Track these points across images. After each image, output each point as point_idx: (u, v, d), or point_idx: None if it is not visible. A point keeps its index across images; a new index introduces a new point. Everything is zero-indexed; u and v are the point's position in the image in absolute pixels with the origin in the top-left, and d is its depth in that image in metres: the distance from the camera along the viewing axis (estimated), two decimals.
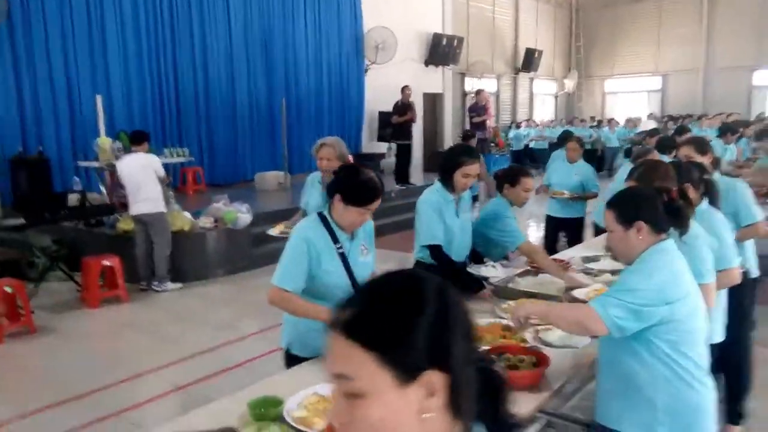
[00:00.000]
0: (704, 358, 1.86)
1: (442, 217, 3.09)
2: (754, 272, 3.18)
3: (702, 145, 3.37)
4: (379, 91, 12.82)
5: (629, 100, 22.23)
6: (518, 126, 17.94)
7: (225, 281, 6.73)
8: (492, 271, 3.19)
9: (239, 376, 4.18)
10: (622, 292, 1.80)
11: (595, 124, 17.57)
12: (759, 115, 14.56)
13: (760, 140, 6.57)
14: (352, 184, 2.31)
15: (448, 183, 3.11)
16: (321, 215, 2.41)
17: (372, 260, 2.58)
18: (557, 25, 21.68)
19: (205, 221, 6.70)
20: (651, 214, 1.90)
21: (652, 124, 14.26)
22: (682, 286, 1.82)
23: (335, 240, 2.37)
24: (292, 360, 2.47)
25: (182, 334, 5.18)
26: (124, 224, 6.45)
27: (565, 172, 5.66)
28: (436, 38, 14.80)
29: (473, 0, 17.17)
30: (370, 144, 13.57)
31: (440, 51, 14.93)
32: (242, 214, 6.71)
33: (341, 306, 0.87)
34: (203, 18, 10.06)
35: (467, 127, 12.66)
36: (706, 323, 1.91)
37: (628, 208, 1.94)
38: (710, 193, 2.72)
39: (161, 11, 9.53)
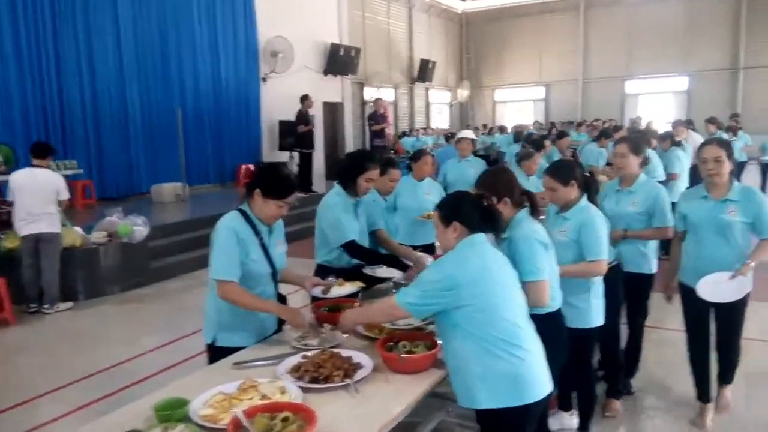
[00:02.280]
0: (512, 332, 2.06)
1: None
2: (653, 269, 3.63)
3: (637, 144, 3.68)
4: (279, 101, 12.79)
5: (517, 108, 23.62)
6: (416, 133, 18.55)
7: (122, 298, 6.46)
8: (386, 272, 3.27)
9: (142, 391, 4.06)
10: (418, 284, 2.14)
11: (486, 131, 18.51)
12: (633, 119, 15.88)
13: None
14: (271, 179, 2.52)
15: (350, 187, 3.23)
16: (241, 210, 2.56)
17: (284, 251, 2.76)
18: (449, 37, 22.64)
19: (98, 236, 6.40)
20: (467, 217, 2.18)
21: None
22: (470, 272, 2.05)
23: (256, 232, 2.54)
24: (216, 353, 2.55)
25: (78, 354, 4.94)
26: (9, 242, 6.03)
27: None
28: (334, 48, 15.01)
29: (369, 12, 17.58)
30: (272, 153, 13.48)
31: (338, 61, 15.15)
32: (138, 227, 6.48)
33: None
34: (89, 21, 9.50)
35: (367, 135, 12.94)
36: (513, 302, 2.12)
37: (449, 209, 2.22)
38: (589, 190, 3.04)
39: (42, 10, 8.87)
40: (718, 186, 3.14)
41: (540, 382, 2.11)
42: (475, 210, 2.20)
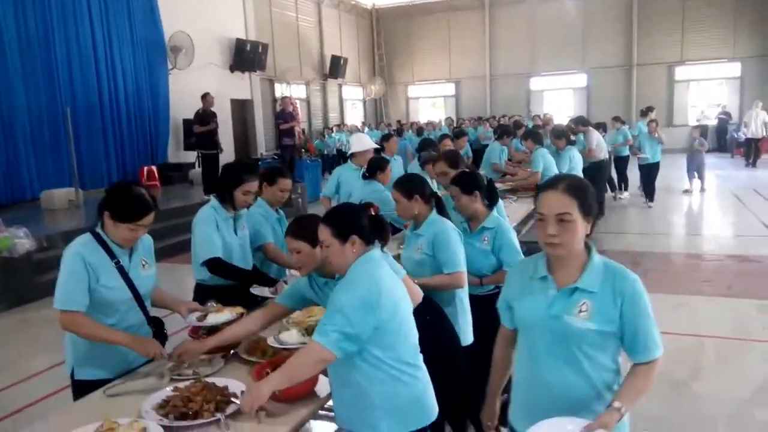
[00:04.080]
0: (413, 353, 2.01)
1: (221, 234, 3.05)
2: None
3: (454, 160, 3.77)
4: (185, 98, 12.26)
5: (429, 104, 23.97)
6: (331, 130, 18.39)
7: (2, 316, 5.94)
8: (273, 293, 3.02)
9: (21, 423, 3.73)
10: (334, 315, 1.86)
11: (395, 128, 18.58)
12: (541, 116, 16.31)
13: (526, 140, 7.48)
14: (120, 202, 2.32)
15: (227, 200, 3.09)
16: (94, 233, 2.38)
17: (153, 273, 2.58)
18: (360, 33, 22.59)
19: None
20: (364, 229, 2.05)
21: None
22: (383, 290, 1.91)
23: (112, 255, 2.36)
24: (79, 388, 2.38)
25: None
26: None
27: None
28: (240, 44, 14.58)
29: (276, 7, 17.20)
30: (177, 153, 12.94)
31: (245, 57, 14.73)
32: (20, 240, 5.99)
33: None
34: None
35: (277, 133, 12.64)
36: (412, 319, 2.06)
37: (345, 223, 2.05)
38: (439, 205, 3.07)
39: None
40: (564, 263, 1.74)
41: (434, 399, 2.09)
42: (368, 221, 2.10)
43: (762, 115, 15.81)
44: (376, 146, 5.61)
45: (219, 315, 2.58)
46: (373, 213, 2.14)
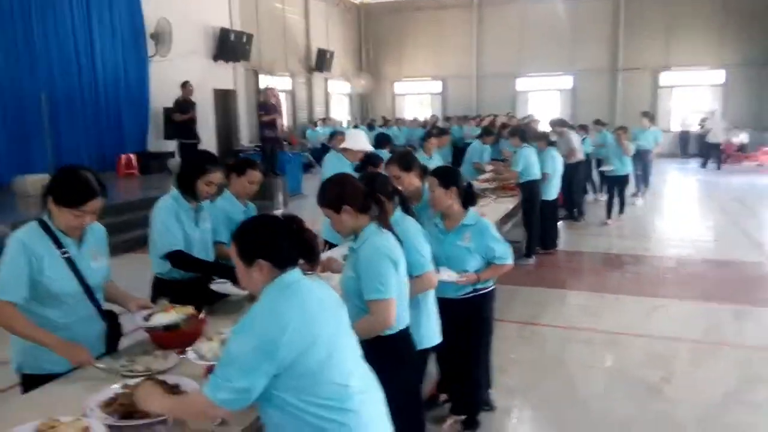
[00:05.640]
0: (341, 394, 1.69)
1: (181, 225, 2.93)
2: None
3: (406, 162, 3.58)
4: (165, 86, 12.01)
5: (416, 101, 23.89)
6: (315, 125, 18.30)
7: None
8: (234, 289, 2.83)
9: None
10: (226, 366, 1.61)
11: (382, 123, 18.53)
12: (526, 117, 16.28)
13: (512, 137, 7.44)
14: (64, 186, 2.21)
15: (188, 191, 2.96)
16: (41, 221, 2.27)
17: (105, 265, 2.47)
18: (346, 27, 22.42)
19: None
20: (273, 250, 1.72)
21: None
22: (288, 327, 1.60)
23: (59, 245, 2.25)
24: (27, 382, 2.28)
25: None
26: None
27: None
28: (224, 33, 14.36)
29: None
30: (158, 142, 12.71)
31: (229, 46, 14.52)
32: None
33: None
34: None
35: (259, 125, 12.46)
36: (343, 353, 1.75)
37: (248, 243, 1.75)
38: (403, 202, 2.84)
39: None
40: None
41: None
42: (284, 239, 1.75)
43: (720, 122, 16.86)
44: (371, 149, 5.49)
45: (165, 315, 2.42)
46: (297, 228, 1.80)
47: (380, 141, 6.58)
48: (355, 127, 16.85)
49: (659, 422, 3.56)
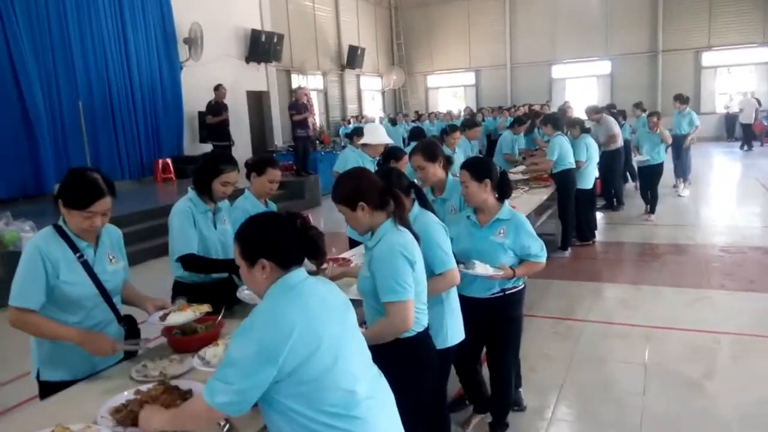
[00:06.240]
0: (347, 401, 1.64)
1: (198, 227, 2.93)
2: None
3: (432, 152, 3.48)
4: (199, 90, 12.21)
5: (449, 94, 23.67)
6: (348, 122, 18.31)
7: (5, 315, 5.92)
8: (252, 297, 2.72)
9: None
10: (226, 368, 1.57)
11: (416, 118, 18.43)
12: (561, 105, 15.95)
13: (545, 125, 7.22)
14: (71, 187, 2.23)
15: (204, 192, 2.97)
16: (56, 226, 2.29)
17: (122, 268, 2.48)
18: (378, 23, 22.36)
19: None
20: (277, 250, 1.68)
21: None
22: (293, 330, 1.55)
23: (75, 249, 2.26)
24: (44, 389, 2.31)
25: None
26: None
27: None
28: (255, 34, 14.50)
29: None
30: (193, 146, 12.95)
31: (260, 48, 14.66)
32: (26, 233, 5.99)
33: None
34: None
35: (291, 125, 12.53)
36: (350, 358, 1.69)
37: (251, 243, 1.70)
38: (419, 197, 2.73)
39: None
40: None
41: None
42: (287, 237, 1.70)
43: (753, 102, 16.98)
44: (390, 141, 5.43)
45: (180, 314, 2.43)
46: (301, 225, 1.74)
47: (415, 135, 6.51)
48: (381, 122, 16.84)
49: (701, 420, 3.38)
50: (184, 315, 2.43)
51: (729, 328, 4.61)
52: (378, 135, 5.25)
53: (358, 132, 6.83)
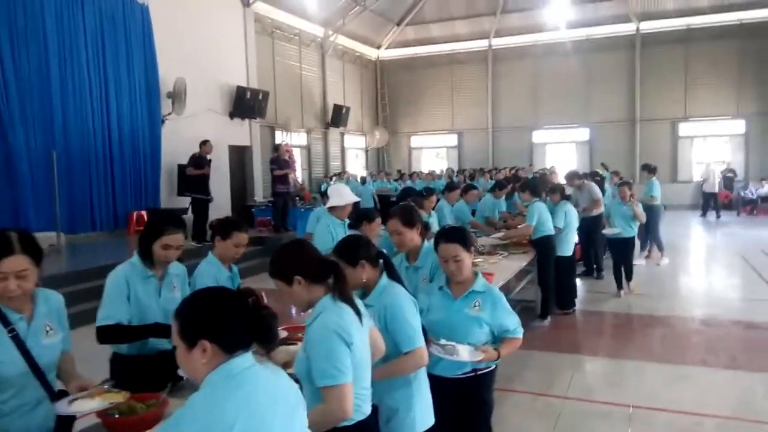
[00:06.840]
0: None
1: (135, 295, 2.67)
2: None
3: (409, 218, 3.36)
4: (180, 144, 12.13)
5: (432, 154, 23.94)
6: (330, 179, 18.31)
7: None
8: None
9: None
10: None
11: (398, 177, 18.50)
12: (545, 169, 16.04)
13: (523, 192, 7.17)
14: None
15: (147, 256, 2.74)
16: None
17: (61, 340, 2.24)
18: (363, 83, 22.77)
19: None
20: (221, 332, 1.49)
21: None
22: (233, 428, 1.38)
23: (5, 322, 2.03)
24: None
25: None
26: None
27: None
28: (240, 91, 14.59)
29: (279, 56, 17.33)
30: (171, 199, 12.75)
31: (245, 104, 14.73)
32: None
33: None
34: None
35: (271, 180, 12.43)
36: None
37: (192, 323, 1.50)
38: (388, 267, 2.59)
39: None
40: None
41: None
42: (236, 317, 1.52)
43: (716, 172, 17.57)
44: (357, 199, 5.28)
45: (87, 402, 2.13)
46: (253, 304, 1.59)
47: (406, 195, 6.40)
48: (358, 180, 16.82)
49: None
50: (91, 404, 2.13)
51: (712, 409, 4.41)
52: (343, 196, 5.03)
53: (325, 193, 6.69)
